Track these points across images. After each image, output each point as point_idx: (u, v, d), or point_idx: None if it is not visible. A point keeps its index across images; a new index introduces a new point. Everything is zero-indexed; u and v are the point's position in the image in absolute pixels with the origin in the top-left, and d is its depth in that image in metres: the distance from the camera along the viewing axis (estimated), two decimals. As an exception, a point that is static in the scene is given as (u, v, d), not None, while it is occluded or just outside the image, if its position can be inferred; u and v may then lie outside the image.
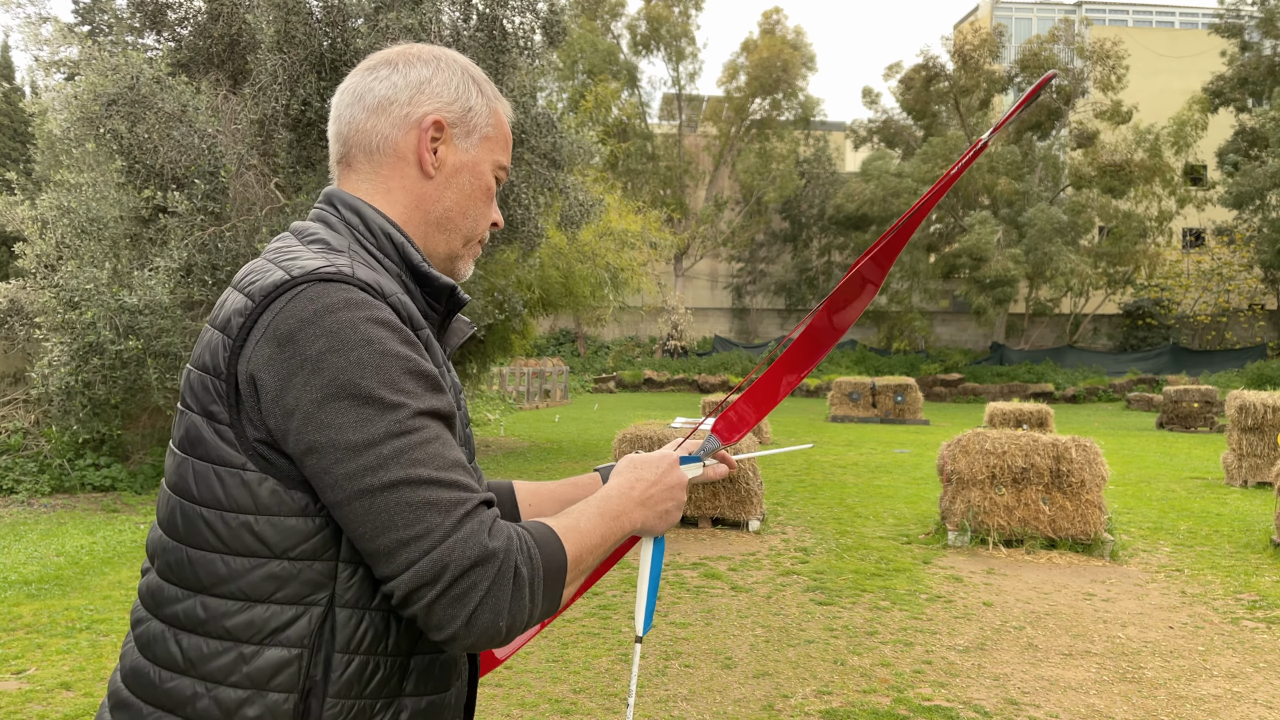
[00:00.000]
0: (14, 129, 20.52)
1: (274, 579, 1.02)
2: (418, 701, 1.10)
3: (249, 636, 1.02)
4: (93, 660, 4.52)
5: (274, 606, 1.03)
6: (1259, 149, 32.13)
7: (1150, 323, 35.44)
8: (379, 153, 1.19)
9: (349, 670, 1.04)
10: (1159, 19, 45.41)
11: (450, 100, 1.21)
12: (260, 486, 1.02)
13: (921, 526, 8.12)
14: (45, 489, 9.41)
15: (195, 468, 1.05)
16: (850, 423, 20.17)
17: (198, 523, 1.04)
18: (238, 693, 1.02)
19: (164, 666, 1.05)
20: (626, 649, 4.77)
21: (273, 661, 1.02)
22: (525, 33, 10.76)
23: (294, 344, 0.99)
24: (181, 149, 9.32)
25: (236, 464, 1.02)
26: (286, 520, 1.02)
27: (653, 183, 38.06)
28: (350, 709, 1.04)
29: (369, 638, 1.05)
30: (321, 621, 1.03)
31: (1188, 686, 4.36)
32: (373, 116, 1.19)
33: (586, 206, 12.03)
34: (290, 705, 1.02)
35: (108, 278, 8.70)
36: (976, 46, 34.69)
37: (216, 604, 1.03)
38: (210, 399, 1.04)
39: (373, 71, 1.21)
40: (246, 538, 1.02)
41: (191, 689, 1.03)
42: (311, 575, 1.03)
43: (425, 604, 0.97)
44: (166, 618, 1.06)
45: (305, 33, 9.44)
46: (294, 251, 1.09)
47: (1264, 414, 10.52)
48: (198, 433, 1.05)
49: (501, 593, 0.99)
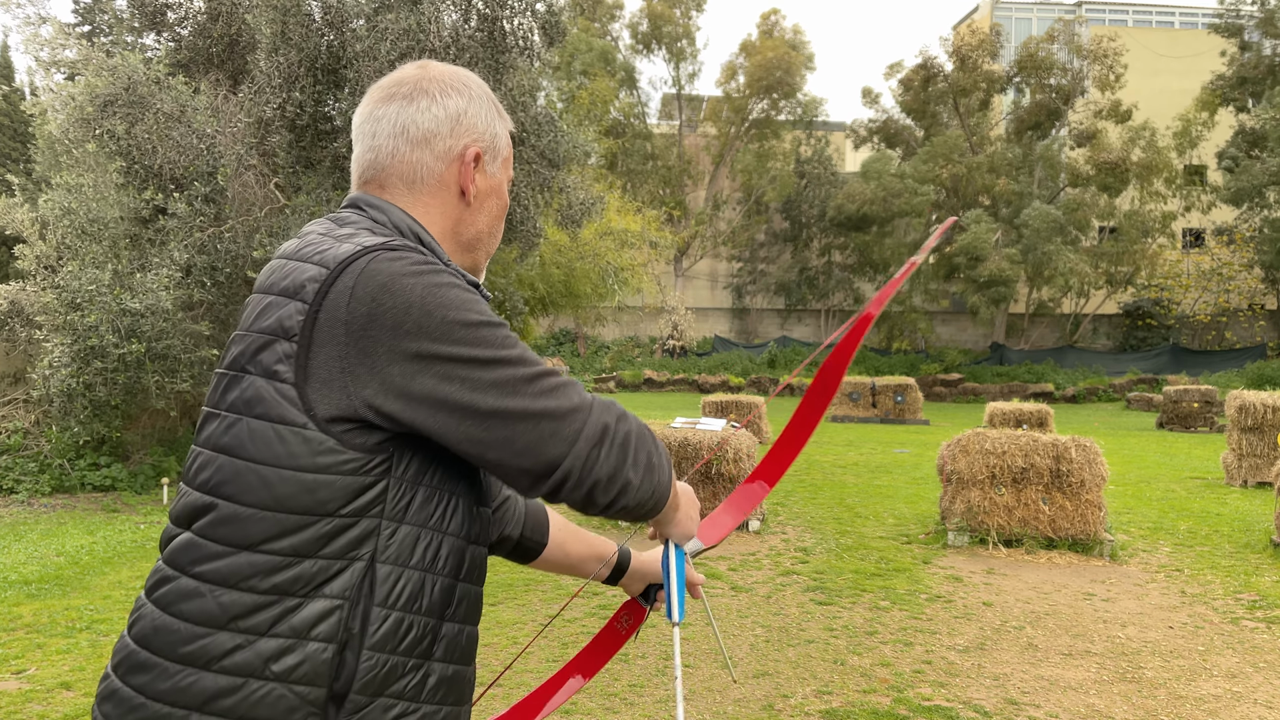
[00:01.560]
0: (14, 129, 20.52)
1: (324, 536, 1.07)
2: (445, 668, 1.16)
3: (295, 589, 1.07)
4: (93, 660, 4.52)
5: (321, 561, 1.07)
6: (1259, 149, 32.12)
7: (1150, 323, 35.43)
8: (421, 182, 1.26)
9: (385, 625, 1.09)
10: (1159, 19, 45.40)
11: (484, 130, 1.30)
12: (320, 445, 1.06)
13: (921, 526, 8.12)
14: (45, 489, 9.41)
15: (252, 426, 1.09)
16: (850, 423, 20.17)
17: (252, 480, 1.08)
18: (278, 642, 1.06)
19: (197, 623, 1.07)
20: (626, 649, 4.77)
21: (316, 612, 1.06)
22: (524, 33, 10.76)
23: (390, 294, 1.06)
24: (180, 149, 9.32)
25: (298, 423, 1.07)
26: (342, 478, 1.07)
27: (652, 183, 38.07)
28: (384, 664, 1.09)
29: (405, 594, 1.10)
30: (363, 575, 1.08)
31: (1188, 686, 4.36)
32: (417, 149, 1.25)
33: (587, 205, 12.04)
34: (329, 655, 1.06)
35: (109, 279, 8.70)
36: (974, 47, 34.69)
37: (264, 560, 1.07)
38: (276, 359, 1.08)
39: (412, 102, 1.26)
40: (302, 494, 1.07)
41: (231, 642, 1.06)
42: (358, 532, 1.08)
43: (602, 460, 1.10)
44: (204, 575, 1.09)
45: (303, 34, 9.43)
46: (347, 232, 1.17)
47: (1264, 414, 10.52)
48: (257, 393, 1.09)
49: (655, 447, 1.18)
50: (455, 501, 1.17)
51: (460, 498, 1.17)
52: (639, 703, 4.08)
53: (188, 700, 1.06)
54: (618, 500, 1.14)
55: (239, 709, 1.05)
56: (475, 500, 1.21)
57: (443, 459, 1.14)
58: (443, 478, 1.15)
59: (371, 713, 1.08)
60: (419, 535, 1.12)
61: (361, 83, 9.39)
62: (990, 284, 31.14)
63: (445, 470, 1.15)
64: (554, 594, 5.84)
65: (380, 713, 1.09)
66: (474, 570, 1.21)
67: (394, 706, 1.10)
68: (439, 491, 1.14)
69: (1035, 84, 35.34)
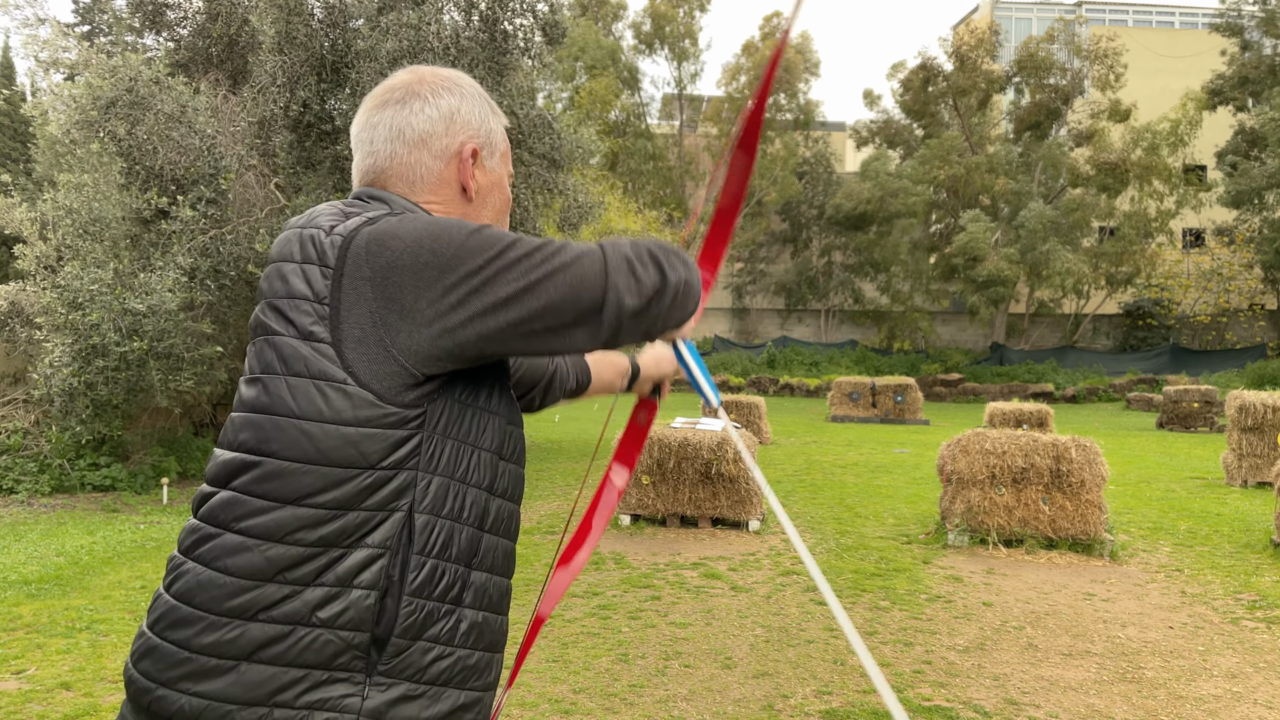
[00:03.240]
0: (14, 129, 20.52)
1: (367, 488, 1.12)
2: (475, 614, 1.21)
3: (340, 540, 1.11)
4: (93, 660, 4.52)
5: (364, 513, 1.12)
6: (1259, 149, 32.11)
7: (1150, 323, 35.42)
8: (421, 182, 1.30)
9: (423, 572, 1.14)
10: (1159, 19, 45.41)
11: (478, 126, 1.33)
12: (361, 399, 1.11)
13: (921, 526, 8.12)
14: (45, 489, 9.41)
15: (293, 384, 1.13)
16: (850, 423, 20.17)
17: (295, 434, 1.12)
18: (324, 590, 1.10)
19: (245, 576, 1.11)
20: (626, 649, 4.77)
21: (359, 560, 1.11)
22: (525, 33, 10.76)
23: (399, 238, 1.12)
24: (181, 150, 9.31)
25: (339, 379, 1.12)
26: (383, 431, 1.12)
27: (653, 183, 38.07)
28: (422, 609, 1.14)
29: (440, 542, 1.16)
30: (403, 525, 1.13)
31: (1188, 686, 4.36)
32: (414, 151, 1.29)
33: (586, 207, 12.04)
34: (371, 601, 1.11)
35: (111, 279, 8.70)
36: (974, 47, 34.70)
37: (309, 513, 1.11)
38: (311, 320, 1.14)
39: (405, 105, 1.30)
40: (346, 448, 1.11)
41: (279, 593, 1.10)
42: (398, 483, 1.13)
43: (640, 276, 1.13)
44: (249, 530, 1.12)
45: (306, 34, 9.44)
46: (355, 211, 1.22)
47: (1264, 414, 10.52)
48: (295, 351, 1.14)
49: (657, 241, 1.20)
50: (479, 456, 1.22)
51: (483, 452, 1.23)
52: (639, 703, 4.08)
53: (236, 651, 1.10)
54: (676, 296, 1.18)
55: (287, 655, 1.09)
56: (499, 454, 1.26)
57: (468, 413, 1.20)
58: (467, 431, 1.20)
59: (412, 655, 1.13)
60: (448, 486, 1.17)
61: (363, 82, 9.39)
62: (989, 284, 31.15)
63: (470, 424, 1.20)
64: (554, 594, 5.83)
65: (420, 655, 1.14)
66: (499, 523, 1.26)
67: (431, 649, 1.15)
68: (464, 446, 1.19)
69: (1035, 84, 35.35)
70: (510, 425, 1.28)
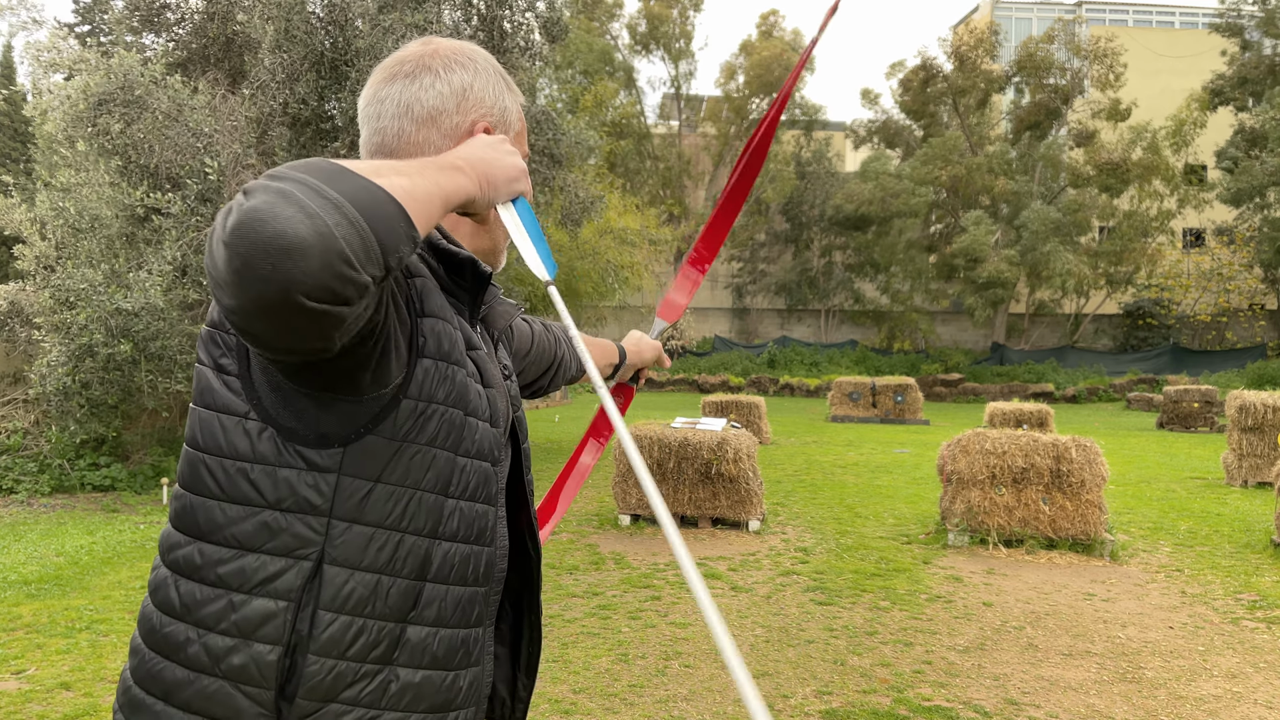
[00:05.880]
0: (14, 129, 20.52)
1: (266, 529, 1.03)
2: (411, 674, 1.09)
3: (239, 585, 1.04)
4: (93, 660, 4.52)
5: (264, 556, 1.03)
6: (1259, 148, 32.11)
7: (1150, 323, 35.42)
8: None
9: (332, 628, 1.04)
10: (1159, 19, 45.41)
11: (492, 104, 1.25)
12: (260, 436, 1.04)
13: (921, 526, 8.12)
14: (45, 489, 9.41)
15: (201, 416, 1.08)
16: (850, 423, 20.16)
17: (200, 469, 1.07)
18: (226, 640, 1.03)
19: (164, 612, 1.08)
20: (626, 649, 4.77)
21: (260, 612, 1.03)
22: (525, 32, 10.77)
23: None
24: (177, 148, 9.31)
25: (239, 412, 1.05)
26: (281, 471, 1.03)
27: (652, 182, 38.07)
28: (332, 669, 1.04)
29: (354, 598, 1.05)
30: (310, 576, 1.04)
31: (1188, 686, 4.35)
32: (423, 129, 1.21)
33: (587, 203, 12.04)
34: (275, 657, 1.03)
35: (104, 278, 8.69)
36: (973, 47, 34.70)
37: (212, 550, 1.05)
38: (220, 352, 1.07)
39: (415, 79, 1.22)
40: (243, 485, 1.04)
41: (185, 634, 1.05)
42: (302, 529, 1.03)
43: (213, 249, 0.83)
44: (170, 563, 1.09)
45: (306, 31, 9.43)
46: None
47: (1264, 414, 10.52)
48: (207, 383, 1.08)
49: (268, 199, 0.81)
50: (417, 499, 1.08)
51: (424, 494, 1.08)
52: (639, 703, 4.07)
53: (158, 689, 1.06)
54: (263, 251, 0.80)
55: (194, 703, 1.04)
56: (444, 493, 1.11)
57: (405, 452, 1.06)
58: (403, 474, 1.06)
59: (323, 718, 1.04)
60: (372, 535, 1.05)
61: (363, 80, 9.36)
62: (988, 285, 31.15)
63: (406, 465, 1.06)
64: (552, 594, 5.84)
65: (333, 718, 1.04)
66: (447, 570, 1.12)
67: (348, 713, 1.05)
68: (398, 489, 1.06)
69: (1035, 84, 35.34)
70: (464, 458, 1.12)
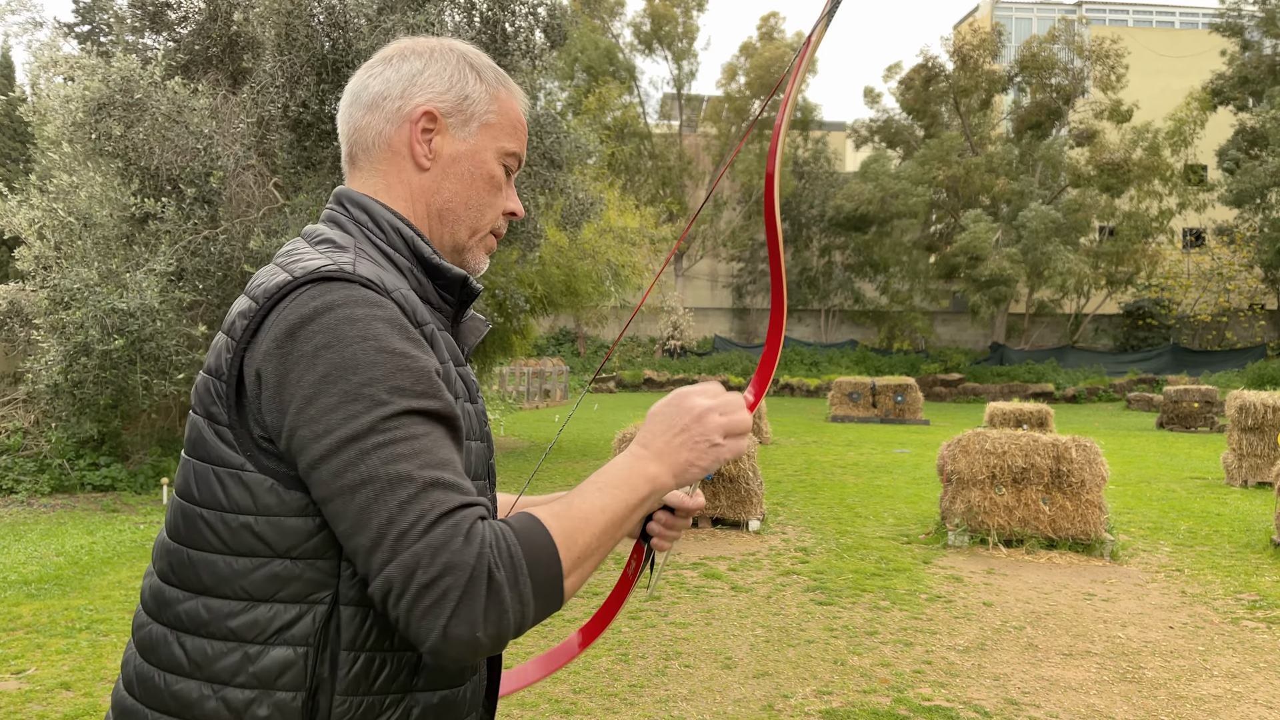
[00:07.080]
0: (14, 130, 20.53)
1: (276, 579, 1.02)
2: (430, 696, 1.09)
3: (253, 636, 1.02)
4: (92, 660, 4.52)
5: (277, 606, 1.02)
6: (1259, 148, 32.12)
7: (1151, 323, 35.42)
8: (375, 149, 1.19)
9: (356, 667, 1.03)
10: (1159, 19, 45.41)
11: (444, 90, 1.19)
12: (260, 487, 1.01)
13: (921, 526, 8.12)
14: (45, 489, 9.41)
15: (196, 469, 1.05)
16: (850, 423, 20.16)
17: (199, 524, 1.04)
18: (245, 693, 1.01)
19: (169, 670, 1.05)
20: (626, 649, 4.77)
21: (278, 660, 1.01)
22: (526, 35, 10.77)
23: (294, 340, 0.98)
24: (178, 150, 9.32)
25: (235, 465, 1.02)
26: (286, 520, 1.01)
27: (652, 182, 38.07)
28: (359, 705, 1.03)
29: (374, 634, 1.04)
30: (326, 620, 1.03)
31: (1188, 686, 4.36)
32: (368, 114, 1.19)
33: (586, 205, 12.04)
34: (299, 703, 1.02)
35: (100, 278, 8.69)
36: (975, 47, 34.71)
37: (219, 604, 1.03)
38: (211, 400, 1.04)
39: (369, 69, 1.21)
40: (247, 538, 1.02)
41: (199, 691, 1.03)
42: (314, 574, 1.02)
43: (401, 613, 0.93)
44: (169, 620, 1.06)
45: (307, 34, 9.44)
46: (299, 254, 1.09)
47: (1264, 414, 10.52)
48: (199, 434, 1.05)
49: (474, 603, 0.93)
50: None
51: None
52: (639, 703, 4.08)
53: None
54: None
55: None
56: None
57: None
58: None
59: None
60: None
61: (363, 82, 9.38)
62: (990, 283, 31.16)
63: None
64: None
65: None
66: None
67: None
68: None
69: (1036, 84, 35.35)
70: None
